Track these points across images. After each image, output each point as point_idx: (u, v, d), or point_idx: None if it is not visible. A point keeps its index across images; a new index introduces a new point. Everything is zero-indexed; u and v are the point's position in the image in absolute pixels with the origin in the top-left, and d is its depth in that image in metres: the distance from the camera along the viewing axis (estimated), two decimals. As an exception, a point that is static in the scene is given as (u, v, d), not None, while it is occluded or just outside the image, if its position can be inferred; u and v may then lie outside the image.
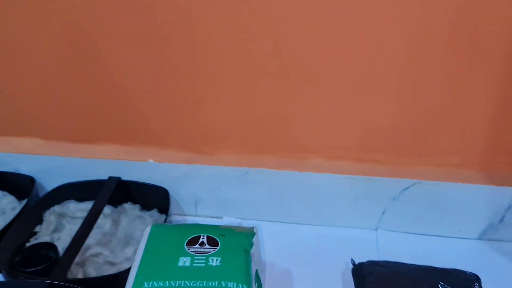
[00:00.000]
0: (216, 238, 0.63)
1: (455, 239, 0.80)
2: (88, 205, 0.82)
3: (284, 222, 0.85)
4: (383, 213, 0.81)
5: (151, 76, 0.77)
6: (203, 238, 0.62)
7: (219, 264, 0.58)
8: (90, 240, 0.77)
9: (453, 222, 0.80)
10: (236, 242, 0.62)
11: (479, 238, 0.79)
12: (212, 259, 0.58)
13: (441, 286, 0.66)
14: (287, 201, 0.83)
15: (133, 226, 0.83)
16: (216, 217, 0.88)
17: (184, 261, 0.58)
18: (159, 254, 0.60)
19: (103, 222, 0.83)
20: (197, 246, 0.61)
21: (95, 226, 0.81)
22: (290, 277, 0.73)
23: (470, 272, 0.70)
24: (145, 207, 0.87)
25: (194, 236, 0.63)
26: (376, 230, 0.83)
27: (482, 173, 0.75)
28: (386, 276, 0.68)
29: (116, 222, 0.84)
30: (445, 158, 0.75)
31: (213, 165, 0.81)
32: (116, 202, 0.87)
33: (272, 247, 0.80)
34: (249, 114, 0.76)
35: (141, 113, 0.82)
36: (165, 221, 0.77)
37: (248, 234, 0.65)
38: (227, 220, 0.87)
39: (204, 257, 0.59)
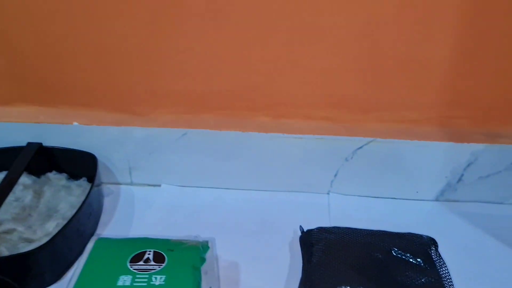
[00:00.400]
0: (163, 253, 0.57)
1: (411, 201, 0.76)
2: (3, 176, 0.72)
3: (228, 188, 0.78)
4: (335, 175, 0.75)
5: (73, 24, 0.67)
6: (149, 254, 0.57)
7: (163, 283, 0.52)
8: (4, 214, 0.67)
9: (409, 183, 0.75)
10: (185, 258, 0.57)
11: (437, 199, 0.76)
12: (156, 278, 0.53)
13: (394, 252, 0.60)
14: (230, 165, 0.76)
15: (57, 197, 0.73)
16: (154, 185, 0.80)
17: (125, 280, 0.53)
18: (99, 272, 0.55)
19: (23, 194, 0.73)
20: (141, 262, 0.56)
21: (13, 199, 0.71)
22: (234, 247, 0.67)
23: (426, 236, 0.65)
24: (73, 176, 0.77)
25: (139, 252, 0.57)
26: (328, 194, 0.77)
27: (440, 129, 0.71)
28: (335, 243, 0.62)
29: (38, 194, 0.74)
30: (401, 113, 0.70)
31: (147, 126, 0.73)
32: (38, 171, 0.76)
33: (215, 216, 0.73)
34: (186, 68, 0.69)
35: (64, 69, 0.71)
36: (90, 191, 0.67)
37: (199, 249, 0.59)
38: (165, 188, 0.79)
39: (147, 276, 0.53)
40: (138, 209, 0.75)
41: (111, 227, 0.71)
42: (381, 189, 0.76)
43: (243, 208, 0.74)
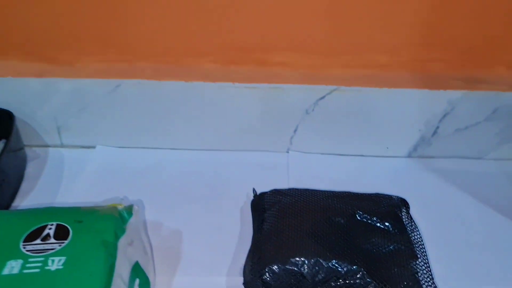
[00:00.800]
0: (68, 226, 0.46)
1: (380, 158, 0.70)
2: None
3: (172, 149, 0.70)
4: (295, 130, 0.68)
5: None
6: (49, 229, 0.45)
7: (61, 267, 0.41)
8: None
9: (379, 137, 0.68)
10: (95, 231, 0.46)
11: (409, 156, 0.71)
12: (53, 261, 0.42)
13: (359, 216, 0.52)
14: (173, 121, 0.68)
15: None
16: (87, 147, 0.71)
17: (12, 267, 0.41)
18: None
19: None
20: (38, 241, 0.44)
21: None
22: (178, 214, 0.59)
23: (396, 197, 0.59)
24: (-10, 138, 0.66)
25: (38, 227, 0.45)
26: (287, 152, 0.70)
27: (412, 74, 0.63)
28: (291, 207, 0.54)
29: None
30: (369, 57, 0.62)
31: (74, 77, 0.64)
32: None
33: (158, 180, 0.65)
34: (115, 6, 0.59)
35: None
36: (1, 154, 0.57)
37: (116, 218, 0.48)
38: (100, 150, 0.70)
39: (42, 258, 0.42)
40: (68, 175, 0.66)
41: (32, 196, 0.63)
42: (347, 146, 0.69)
43: (189, 171, 0.67)
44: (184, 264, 0.53)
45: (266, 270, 0.46)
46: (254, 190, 0.59)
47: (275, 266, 0.46)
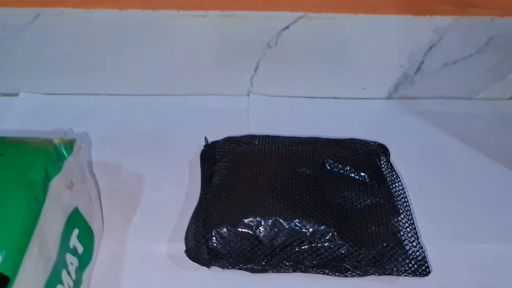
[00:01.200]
0: None
1: (356, 101, 0.63)
2: None
3: (109, 94, 0.61)
4: (256, 69, 0.60)
5: None
6: None
7: None
8: None
9: (355, 76, 0.61)
10: (18, 168, 0.36)
11: (389, 97, 0.64)
12: None
13: (328, 165, 0.44)
14: (109, 61, 0.58)
15: None
16: (8, 94, 0.61)
17: None
18: None
19: None
20: None
21: None
22: (116, 171, 0.51)
23: (374, 142, 0.51)
24: None
25: None
26: (247, 95, 0.62)
27: None
28: (247, 157, 0.45)
29: None
30: None
31: None
32: None
33: (93, 132, 0.56)
34: None
35: None
36: None
37: (50, 153, 0.38)
38: (24, 97, 0.60)
39: None
40: (-16, 127, 0.57)
41: None
42: (317, 86, 0.62)
43: (131, 119, 0.58)
44: (117, 229, 0.44)
45: (213, 234, 0.38)
46: (206, 139, 0.50)
47: (224, 229, 0.38)
